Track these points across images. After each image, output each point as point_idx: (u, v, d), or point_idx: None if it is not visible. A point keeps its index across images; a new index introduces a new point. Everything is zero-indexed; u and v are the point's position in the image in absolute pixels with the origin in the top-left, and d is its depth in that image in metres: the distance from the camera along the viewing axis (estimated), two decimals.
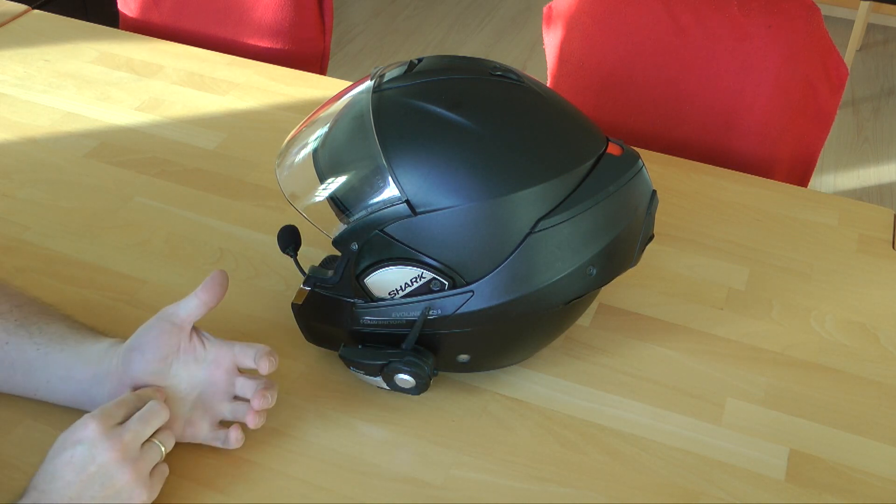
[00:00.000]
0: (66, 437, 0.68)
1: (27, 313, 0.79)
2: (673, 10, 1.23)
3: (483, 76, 0.78)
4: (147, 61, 1.31)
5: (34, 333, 0.78)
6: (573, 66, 1.32)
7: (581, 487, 0.76)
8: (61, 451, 0.67)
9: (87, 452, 0.67)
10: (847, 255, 1.00)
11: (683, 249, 1.00)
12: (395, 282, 0.75)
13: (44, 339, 0.77)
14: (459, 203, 0.72)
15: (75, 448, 0.67)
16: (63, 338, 0.78)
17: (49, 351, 0.77)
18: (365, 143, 0.75)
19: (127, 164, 1.10)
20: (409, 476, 0.77)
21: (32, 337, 0.78)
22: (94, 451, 0.67)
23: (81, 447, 0.67)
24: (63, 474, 0.66)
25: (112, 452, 0.67)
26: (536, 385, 0.85)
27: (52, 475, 0.67)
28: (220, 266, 0.96)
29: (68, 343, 0.77)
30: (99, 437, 0.67)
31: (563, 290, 0.76)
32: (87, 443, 0.67)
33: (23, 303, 0.81)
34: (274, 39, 1.48)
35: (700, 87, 1.25)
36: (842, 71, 1.21)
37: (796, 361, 0.88)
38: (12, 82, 1.25)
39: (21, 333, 0.78)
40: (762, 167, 1.25)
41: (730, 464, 0.78)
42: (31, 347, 0.77)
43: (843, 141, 2.69)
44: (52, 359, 0.77)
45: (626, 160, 0.79)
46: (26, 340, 0.77)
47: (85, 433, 0.67)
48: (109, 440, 0.67)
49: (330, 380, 0.84)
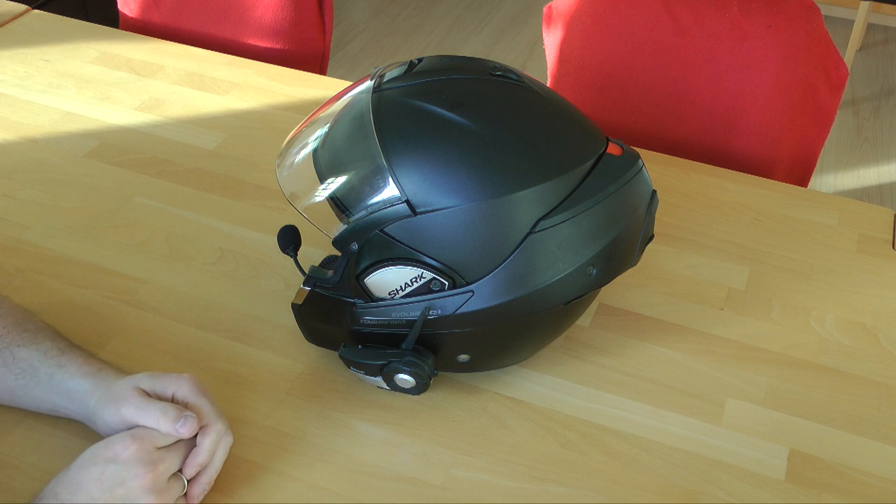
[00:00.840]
0: (100, 452, 0.66)
1: (2, 330, 0.77)
2: (673, 10, 1.23)
3: (483, 76, 0.78)
4: (147, 61, 1.31)
5: (8, 361, 0.75)
6: (573, 66, 1.32)
7: (581, 487, 0.76)
8: (91, 464, 0.66)
9: (118, 474, 0.65)
10: (847, 255, 1.00)
11: (683, 249, 1.00)
12: (395, 282, 0.75)
13: (18, 368, 0.75)
14: (459, 203, 0.72)
15: (107, 466, 0.65)
16: (34, 369, 0.75)
17: (26, 383, 0.75)
18: (365, 143, 0.75)
19: (127, 164, 1.10)
20: (409, 476, 0.77)
21: (7, 365, 0.75)
22: (125, 474, 0.65)
23: (114, 467, 0.65)
24: (88, 488, 0.65)
25: (144, 480, 0.65)
26: (536, 385, 0.85)
27: (77, 486, 0.65)
28: (220, 266, 0.96)
29: (40, 376, 0.75)
30: (134, 461, 0.65)
31: (563, 290, 0.76)
32: (121, 464, 0.65)
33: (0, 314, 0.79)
34: (274, 39, 1.48)
35: (700, 87, 1.25)
36: (842, 71, 1.21)
37: (796, 361, 0.88)
38: (12, 82, 1.25)
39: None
40: (762, 167, 1.25)
41: (730, 464, 0.78)
42: (10, 377, 0.75)
43: (843, 141, 2.69)
44: (30, 390, 0.75)
45: (626, 160, 0.79)
46: (3, 369, 0.75)
47: (121, 454, 0.66)
48: (144, 466, 0.66)
49: (330, 380, 0.84)
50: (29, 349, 0.76)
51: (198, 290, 0.93)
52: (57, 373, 0.75)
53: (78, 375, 0.74)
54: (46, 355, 0.76)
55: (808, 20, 1.19)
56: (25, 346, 0.76)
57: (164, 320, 0.90)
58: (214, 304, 0.92)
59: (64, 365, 0.75)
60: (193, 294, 0.93)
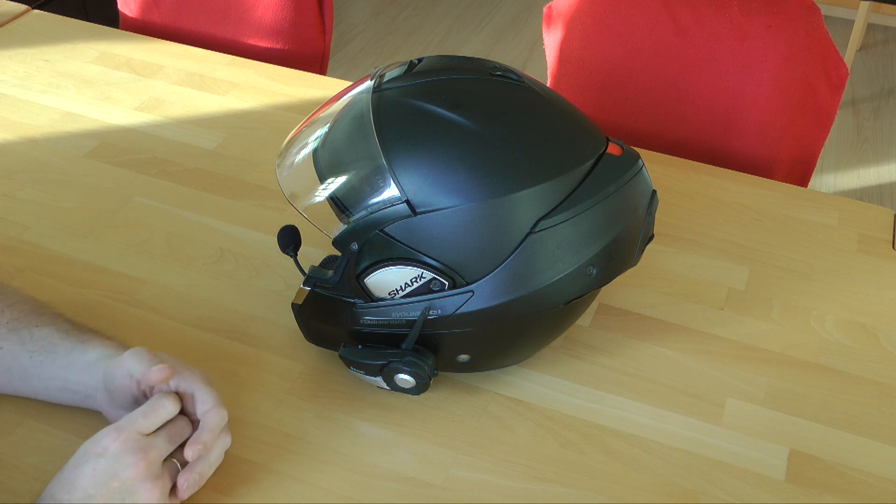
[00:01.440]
0: (89, 449, 0.66)
1: (19, 314, 0.78)
2: (673, 10, 1.23)
3: (483, 76, 0.78)
4: (147, 61, 1.31)
5: (25, 339, 0.77)
6: (573, 66, 1.32)
7: (581, 487, 0.76)
8: (83, 462, 0.66)
9: (110, 467, 0.65)
10: (847, 255, 1.00)
11: (683, 249, 1.00)
12: (395, 282, 0.75)
13: (35, 346, 0.76)
14: (459, 203, 0.72)
15: (98, 461, 0.65)
16: (53, 345, 0.76)
17: (42, 360, 0.76)
18: (365, 143, 0.75)
19: (127, 164, 1.10)
20: (409, 476, 0.77)
21: (24, 343, 0.76)
22: (117, 465, 0.65)
23: (105, 461, 0.65)
24: (84, 486, 0.65)
25: (136, 469, 0.65)
26: (536, 385, 0.85)
27: (72, 485, 0.65)
28: (220, 266, 0.96)
29: (58, 352, 0.76)
30: (123, 452, 0.65)
31: (563, 290, 0.76)
32: (110, 457, 0.65)
33: (14, 302, 0.80)
34: (274, 39, 1.48)
35: (700, 87, 1.25)
36: (842, 71, 1.21)
37: (796, 361, 0.88)
38: (12, 82, 1.25)
39: (13, 339, 0.77)
40: (762, 167, 1.25)
41: (730, 464, 0.78)
42: (25, 354, 0.76)
43: (843, 141, 2.69)
44: (45, 367, 0.76)
45: (626, 160, 0.79)
46: (18, 347, 0.76)
47: (109, 446, 0.65)
48: (134, 455, 0.65)
49: (330, 380, 0.84)
50: (49, 329, 0.77)
51: (198, 290, 0.93)
52: (79, 346, 0.76)
53: (99, 347, 0.76)
54: (68, 333, 0.77)
55: (808, 20, 1.19)
56: (45, 326, 0.78)
57: (164, 320, 0.90)
58: (214, 304, 0.92)
59: (86, 341, 0.77)
60: (193, 294, 0.93)
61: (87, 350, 0.76)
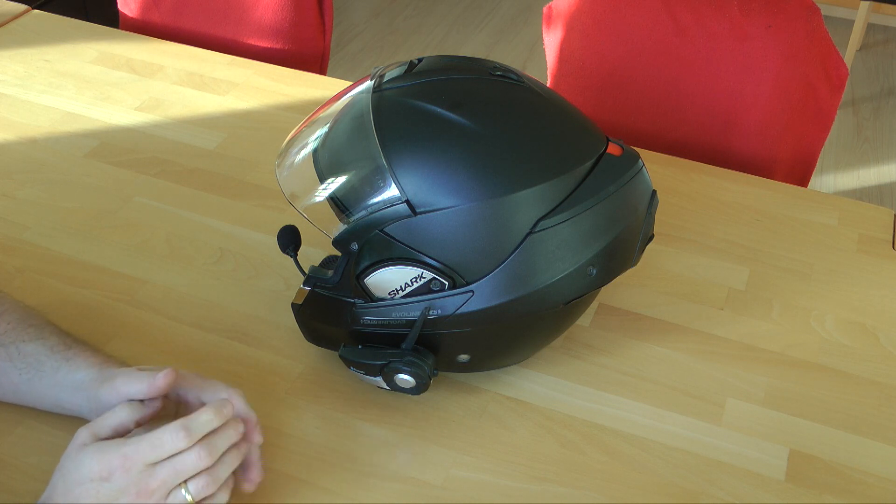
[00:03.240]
0: (94, 467, 0.65)
1: (7, 327, 0.77)
2: (673, 10, 1.23)
3: (483, 76, 0.78)
4: (147, 61, 1.31)
5: (14, 356, 0.76)
6: (573, 66, 1.32)
7: (581, 487, 0.76)
8: (87, 480, 0.65)
9: (112, 496, 0.64)
10: (847, 255, 1.00)
11: (683, 249, 1.00)
12: (395, 282, 0.75)
13: (23, 363, 0.75)
14: (459, 203, 0.72)
15: (101, 485, 0.64)
16: (40, 363, 0.75)
17: (30, 378, 0.75)
18: (365, 143, 0.75)
19: (127, 164, 1.11)
20: (409, 476, 0.77)
21: (13, 360, 0.76)
22: (120, 497, 0.64)
23: (108, 486, 0.64)
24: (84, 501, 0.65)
25: (137, 500, 0.64)
26: (536, 385, 0.85)
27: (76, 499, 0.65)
28: (221, 266, 0.96)
29: (45, 370, 0.75)
30: (128, 485, 0.64)
31: (563, 290, 0.76)
32: (114, 484, 0.64)
33: (2, 311, 0.79)
34: (274, 39, 1.48)
35: (700, 87, 1.25)
36: (842, 71, 1.21)
37: (796, 361, 0.88)
38: (12, 82, 1.25)
39: (2, 355, 0.76)
40: (762, 167, 1.25)
41: (730, 464, 0.78)
42: (14, 371, 0.76)
43: (843, 141, 2.69)
44: (34, 385, 0.75)
45: (626, 160, 0.79)
46: (7, 363, 0.76)
47: (114, 473, 0.64)
48: (137, 486, 0.64)
49: (330, 380, 0.84)
50: (35, 344, 0.76)
51: (198, 290, 0.93)
52: (64, 366, 0.75)
53: (84, 366, 0.75)
54: (53, 350, 0.76)
55: (808, 20, 1.19)
56: (31, 341, 0.77)
57: (164, 320, 0.90)
58: (214, 304, 0.92)
59: (71, 358, 0.75)
60: (193, 294, 0.93)
61: (73, 370, 0.75)
